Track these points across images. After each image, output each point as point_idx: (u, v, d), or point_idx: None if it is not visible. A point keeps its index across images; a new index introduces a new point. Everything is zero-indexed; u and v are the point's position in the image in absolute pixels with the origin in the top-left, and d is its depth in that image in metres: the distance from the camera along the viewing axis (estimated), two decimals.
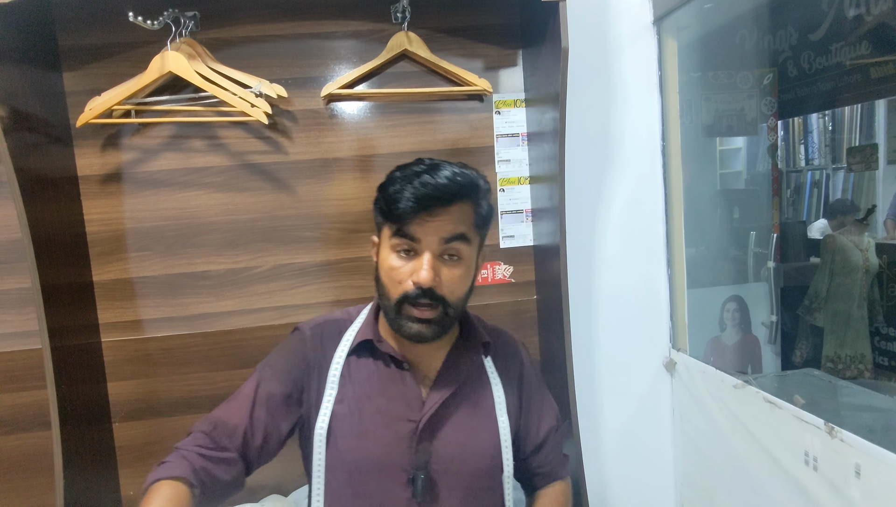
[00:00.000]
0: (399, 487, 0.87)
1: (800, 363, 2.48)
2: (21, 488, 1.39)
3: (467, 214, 0.85)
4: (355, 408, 0.89)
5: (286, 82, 1.36)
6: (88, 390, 1.33)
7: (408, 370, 0.90)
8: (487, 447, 0.92)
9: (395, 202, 0.81)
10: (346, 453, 0.88)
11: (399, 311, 0.84)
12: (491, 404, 0.94)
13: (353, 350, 0.92)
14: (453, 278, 0.84)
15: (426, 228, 0.81)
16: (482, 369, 0.96)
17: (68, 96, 1.32)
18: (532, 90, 1.42)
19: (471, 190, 0.85)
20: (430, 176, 0.82)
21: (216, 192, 1.39)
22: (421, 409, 0.88)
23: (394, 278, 0.84)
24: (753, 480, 1.24)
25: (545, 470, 1.04)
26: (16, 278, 1.34)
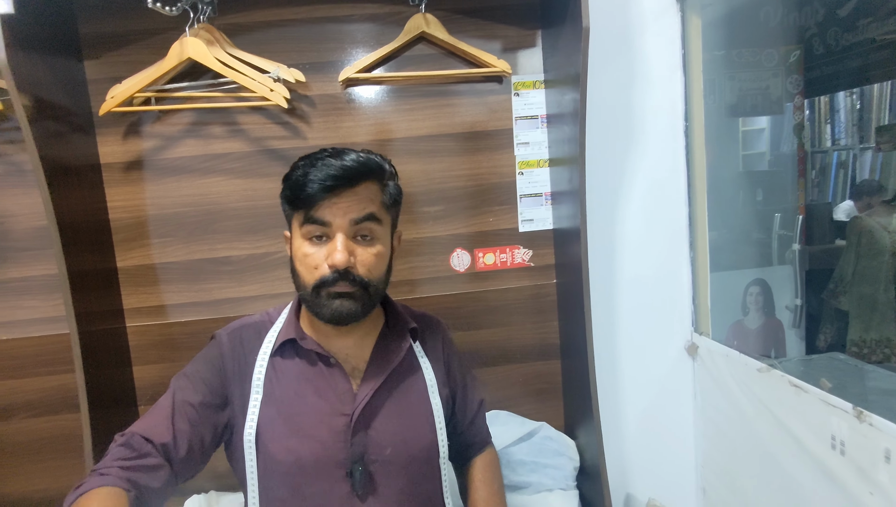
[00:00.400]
0: (338, 482, 0.85)
1: (824, 348, 2.44)
2: (52, 467, 1.43)
3: (375, 194, 0.85)
4: (284, 409, 0.86)
5: (304, 67, 1.36)
6: (115, 374, 1.36)
7: (335, 365, 0.89)
8: (423, 431, 0.92)
9: (300, 187, 0.81)
10: (280, 455, 0.85)
11: (318, 295, 0.83)
12: (423, 387, 0.94)
13: (276, 351, 0.90)
14: (369, 257, 0.84)
15: (335, 210, 0.81)
16: (412, 355, 0.96)
17: (90, 84, 1.33)
18: (552, 71, 1.40)
19: (375, 170, 0.86)
20: (334, 159, 0.82)
21: (236, 178, 1.39)
22: (353, 402, 0.87)
23: (308, 264, 0.83)
24: (778, 464, 1.23)
25: (478, 440, 1.06)
26: (42, 265, 1.37)
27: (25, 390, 1.39)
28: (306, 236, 0.84)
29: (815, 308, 2.32)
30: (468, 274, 1.48)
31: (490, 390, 1.50)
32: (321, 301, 0.83)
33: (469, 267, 1.48)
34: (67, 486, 1.40)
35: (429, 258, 1.47)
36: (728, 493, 1.44)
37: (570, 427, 1.50)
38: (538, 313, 1.51)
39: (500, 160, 1.45)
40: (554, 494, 1.35)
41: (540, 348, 1.52)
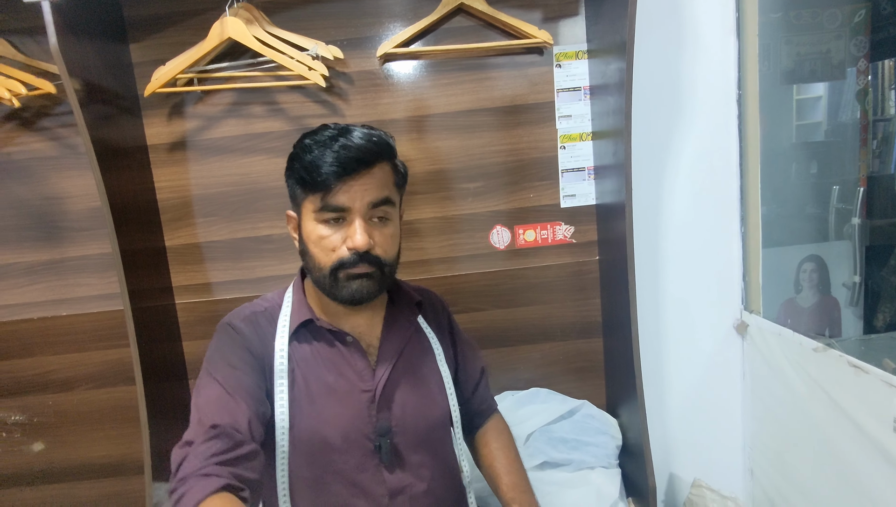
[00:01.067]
0: (365, 457, 0.87)
1: (882, 328, 2.32)
2: (112, 436, 1.51)
3: (388, 175, 0.85)
4: (308, 392, 0.87)
5: (341, 43, 1.35)
6: (166, 349, 1.42)
7: (353, 343, 0.90)
8: (439, 400, 0.95)
9: (316, 169, 0.79)
10: (308, 437, 0.86)
11: (335, 277, 0.83)
12: (433, 358, 0.97)
13: (293, 335, 0.88)
14: (385, 238, 0.84)
15: (352, 193, 0.80)
16: (419, 328, 0.98)
17: (135, 67, 1.36)
18: (595, 40, 1.34)
19: (387, 150, 0.85)
20: (346, 139, 0.80)
21: (276, 157, 1.41)
22: (373, 378, 0.88)
23: (325, 246, 0.82)
24: (833, 446, 1.18)
25: (483, 407, 1.07)
26: (97, 244, 1.42)
27: (86, 363, 1.46)
28: (321, 220, 0.82)
29: (875, 286, 2.20)
30: (508, 251, 1.47)
31: (530, 367, 1.50)
32: (339, 283, 0.83)
33: (509, 244, 1.46)
34: (126, 452, 1.49)
35: (468, 235, 1.46)
36: (778, 475, 1.40)
37: (612, 406, 1.48)
38: (580, 291, 1.48)
39: (541, 134, 1.42)
40: (595, 472, 1.34)
41: (581, 325, 1.49)
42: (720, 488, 1.42)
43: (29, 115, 1.37)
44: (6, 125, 1.38)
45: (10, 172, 1.39)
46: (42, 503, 1.52)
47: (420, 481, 0.90)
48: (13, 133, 1.38)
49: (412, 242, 1.45)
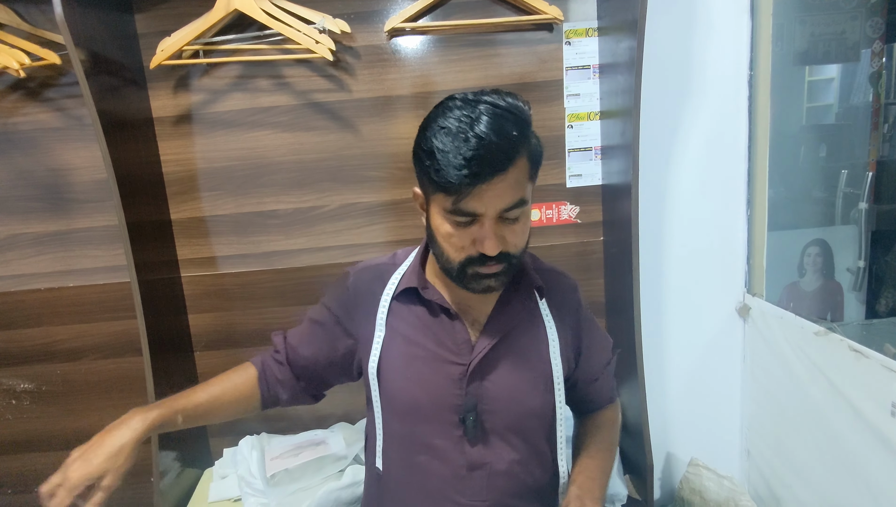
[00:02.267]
0: (450, 426, 0.88)
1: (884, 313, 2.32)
2: (119, 405, 1.52)
3: (523, 173, 0.76)
4: (403, 352, 0.89)
5: (348, 17, 1.33)
6: (172, 322, 1.43)
7: (457, 318, 0.89)
8: (539, 390, 0.91)
9: (446, 175, 0.72)
10: (398, 395, 0.90)
11: (463, 271, 0.81)
12: (545, 346, 0.92)
13: (396, 296, 0.91)
14: (516, 235, 0.80)
15: (485, 200, 0.74)
16: (536, 312, 0.93)
17: (140, 38, 1.35)
18: (606, 17, 1.32)
19: (525, 140, 0.76)
20: (478, 137, 0.71)
21: (283, 131, 1.40)
22: (470, 353, 0.88)
23: (454, 244, 0.79)
24: (829, 428, 1.19)
25: (602, 395, 1.05)
26: (103, 216, 1.43)
27: (93, 334, 1.48)
28: (450, 219, 0.78)
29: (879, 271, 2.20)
30: None
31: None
32: (467, 278, 0.81)
33: None
34: None
35: None
36: (774, 456, 1.42)
37: None
38: (583, 271, 1.48)
39: (548, 113, 1.41)
40: None
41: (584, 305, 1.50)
42: (716, 465, 1.44)
43: (34, 85, 1.36)
44: (11, 96, 1.37)
45: (15, 143, 1.39)
46: (52, 468, 1.54)
47: (502, 461, 0.90)
48: (18, 104, 1.38)
49: (419, 221, 1.45)
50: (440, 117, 0.76)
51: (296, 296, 1.48)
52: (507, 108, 0.75)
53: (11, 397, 1.51)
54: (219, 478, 1.42)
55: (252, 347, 1.51)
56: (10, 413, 1.52)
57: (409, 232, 1.46)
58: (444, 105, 0.77)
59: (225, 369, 1.49)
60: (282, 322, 1.49)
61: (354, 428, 1.48)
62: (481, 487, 0.89)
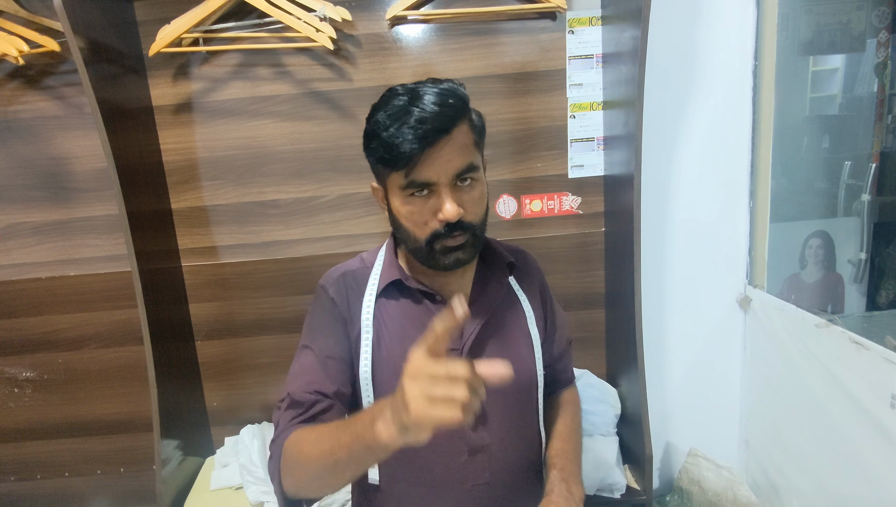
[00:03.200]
0: None
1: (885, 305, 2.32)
2: (121, 394, 1.54)
3: (468, 137, 0.81)
4: (396, 350, 0.88)
5: (349, 4, 1.32)
6: (173, 311, 1.43)
7: (441, 302, 0.90)
8: (527, 362, 0.94)
9: (396, 148, 0.76)
10: None
11: (431, 249, 0.82)
12: (524, 320, 0.95)
13: (381, 293, 0.91)
14: (473, 202, 0.82)
15: (436, 166, 0.78)
16: (510, 289, 0.96)
17: (140, 26, 1.34)
18: (610, 6, 1.31)
19: (463, 106, 0.80)
20: (420, 108, 0.76)
21: (283, 120, 1.39)
22: (461, 337, 0.88)
23: (417, 221, 0.81)
24: (829, 419, 1.19)
25: (563, 377, 1.07)
26: (104, 205, 1.43)
27: (94, 322, 1.48)
28: (408, 195, 0.81)
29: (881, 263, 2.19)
30: (514, 221, 1.46)
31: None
32: (435, 254, 0.83)
33: (515, 214, 1.46)
34: (135, 410, 1.53)
35: None
36: (772, 446, 1.42)
37: (613, 376, 1.50)
38: (584, 262, 1.48)
39: (550, 103, 1.40)
40: (594, 439, 1.36)
41: (584, 296, 1.50)
42: (714, 456, 1.45)
43: (33, 73, 1.35)
44: (10, 84, 1.37)
45: (15, 131, 1.39)
46: (54, 456, 1.56)
47: (501, 440, 0.91)
48: (17, 91, 1.37)
49: None
50: (382, 104, 0.80)
51: (294, 286, 1.48)
52: (446, 87, 0.80)
53: (13, 386, 1.52)
54: (220, 466, 1.43)
55: (251, 336, 1.51)
56: (12, 401, 1.52)
57: None
58: (385, 96, 0.82)
59: (225, 358, 1.52)
60: (280, 311, 1.49)
61: None
62: (483, 468, 0.90)
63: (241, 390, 1.54)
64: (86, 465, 1.57)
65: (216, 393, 1.54)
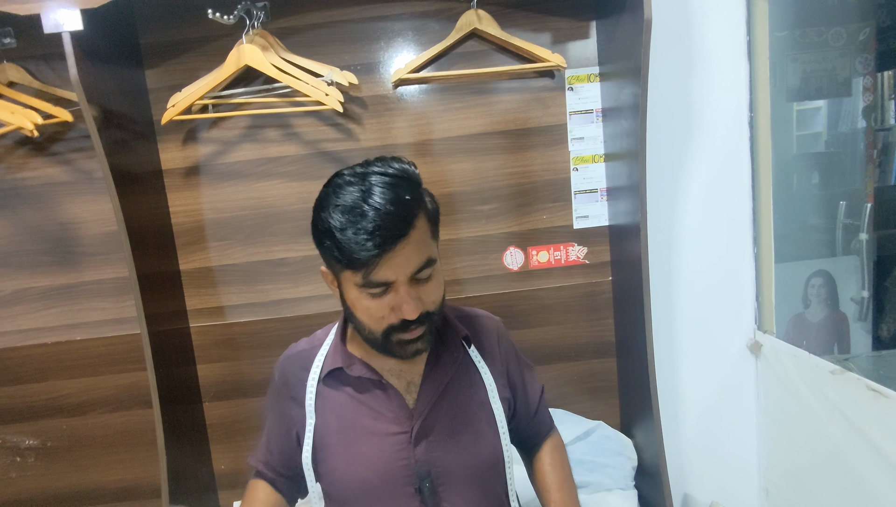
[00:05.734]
0: (407, 499, 0.85)
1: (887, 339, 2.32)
2: (125, 459, 1.50)
3: (425, 232, 0.78)
4: (341, 435, 0.86)
5: (355, 68, 1.36)
6: (181, 373, 1.42)
7: (389, 386, 0.87)
8: (487, 439, 0.90)
9: (352, 253, 0.72)
10: (345, 481, 0.86)
11: (388, 340, 0.80)
12: (483, 394, 0.91)
13: (323, 379, 0.89)
14: (431, 292, 0.80)
15: (394, 266, 0.74)
16: (467, 361, 0.92)
17: (151, 93, 1.37)
18: (608, 63, 1.35)
19: (419, 202, 0.77)
20: (375, 209, 0.72)
21: (292, 181, 1.41)
22: (411, 419, 0.86)
23: (373, 316, 0.78)
24: (849, 466, 1.18)
25: (543, 428, 1.04)
26: (112, 268, 1.43)
27: (100, 387, 1.46)
28: (364, 293, 0.77)
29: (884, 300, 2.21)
30: (522, 272, 1.47)
31: (545, 387, 1.49)
32: (392, 346, 0.81)
33: (522, 265, 1.47)
34: (140, 476, 1.49)
35: (481, 257, 1.46)
36: (794, 494, 1.40)
37: (627, 426, 1.48)
38: (593, 311, 1.48)
39: (553, 156, 1.43)
40: (613, 493, 1.34)
41: (595, 345, 1.50)
42: None
43: (42, 140, 1.37)
44: (19, 150, 1.39)
45: (24, 197, 1.40)
46: None
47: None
48: (26, 158, 1.39)
49: None
50: (332, 196, 0.76)
51: None
52: (396, 173, 0.77)
53: (16, 455, 1.48)
54: None
55: (260, 396, 1.48)
56: (13, 471, 1.48)
57: None
58: (334, 183, 0.78)
59: (233, 419, 1.49)
60: None
61: None
62: None
63: (250, 452, 1.50)
64: None
65: (224, 456, 1.51)
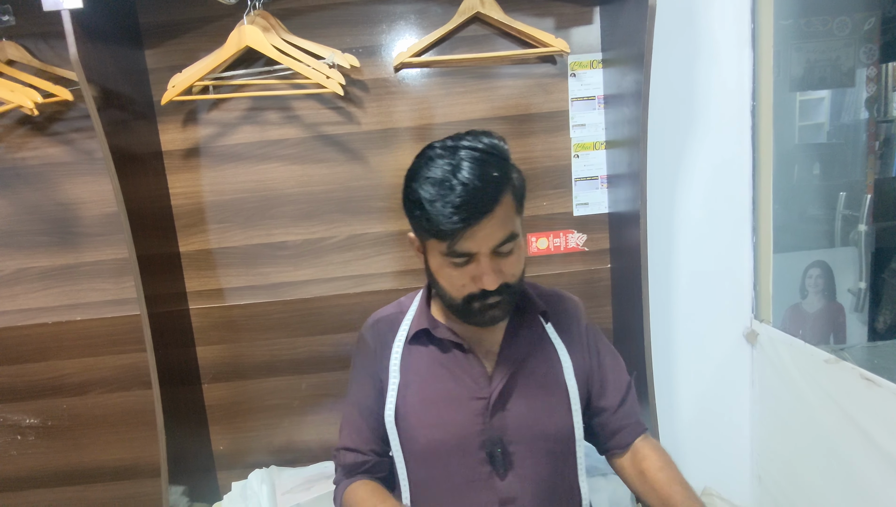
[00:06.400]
0: (477, 462, 0.89)
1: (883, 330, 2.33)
2: (125, 439, 1.52)
3: (509, 208, 0.80)
4: (422, 396, 0.90)
5: (357, 51, 1.35)
6: (180, 354, 1.42)
7: (469, 351, 0.91)
8: (559, 413, 0.92)
9: (438, 224, 0.77)
10: (422, 438, 0.90)
11: (467, 307, 0.84)
12: (559, 369, 0.94)
13: (409, 340, 0.93)
14: (512, 265, 0.83)
15: (477, 239, 0.78)
16: (545, 337, 0.95)
17: (150, 73, 1.36)
18: (611, 50, 1.35)
19: (506, 178, 0.80)
20: (463, 185, 0.76)
21: (292, 164, 1.41)
22: (489, 385, 0.89)
23: (454, 283, 0.83)
24: (842, 454, 1.19)
25: (632, 422, 1.00)
26: (112, 249, 1.43)
27: (100, 367, 1.47)
28: (447, 261, 0.82)
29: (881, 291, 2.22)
30: None
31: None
32: (471, 313, 0.84)
33: None
34: (139, 456, 1.50)
35: None
36: (786, 482, 1.42)
37: None
38: (591, 299, 1.49)
39: (554, 143, 1.42)
40: (608, 479, 1.35)
41: None
42: (728, 494, 1.44)
43: (41, 119, 1.37)
44: (18, 130, 1.38)
45: (24, 177, 1.39)
46: (57, 504, 1.53)
47: (532, 492, 0.90)
48: (26, 138, 1.38)
49: None
50: (423, 168, 0.81)
51: (304, 327, 1.47)
52: (486, 149, 0.80)
53: (17, 433, 1.49)
54: None
55: (259, 378, 1.50)
56: (14, 449, 1.50)
57: (416, 262, 1.46)
58: (426, 155, 0.83)
59: (232, 401, 1.50)
60: (289, 353, 1.48)
61: None
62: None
63: (249, 433, 1.52)
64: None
65: (223, 436, 1.52)
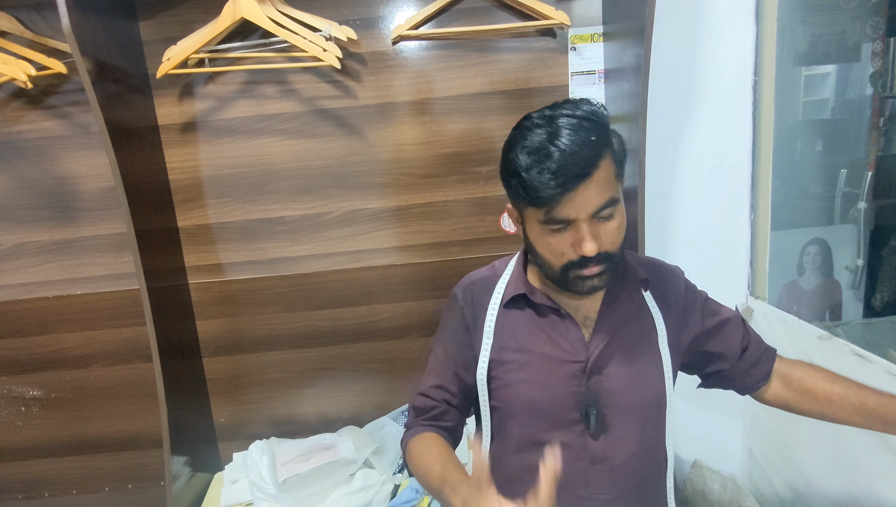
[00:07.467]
0: (572, 423, 0.90)
1: (880, 307, 2.34)
2: (128, 411, 1.54)
3: (609, 173, 0.79)
4: (518, 357, 0.91)
5: (354, 23, 1.33)
6: (180, 328, 1.44)
7: (567, 316, 0.91)
8: (653, 379, 0.93)
9: (535, 191, 0.76)
10: (517, 398, 0.91)
11: (566, 275, 0.83)
12: (654, 337, 0.94)
13: (505, 303, 0.93)
14: (611, 233, 0.81)
15: (575, 205, 0.77)
16: (642, 304, 0.95)
17: (145, 46, 1.34)
18: (612, 23, 1.33)
19: (604, 141, 0.78)
20: (560, 149, 0.75)
21: (289, 138, 1.40)
22: (586, 350, 0.89)
23: (554, 250, 0.82)
24: (832, 430, 1.21)
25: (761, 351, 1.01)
26: (110, 224, 1.43)
27: (101, 341, 1.49)
28: (545, 228, 0.81)
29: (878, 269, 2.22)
30: (518, 235, 1.47)
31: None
32: (570, 281, 0.84)
33: None
34: (142, 426, 1.53)
35: (478, 219, 1.46)
36: (776, 455, 1.44)
37: None
38: None
39: None
40: None
41: None
42: (719, 466, 1.47)
43: (36, 92, 1.36)
44: (14, 103, 1.37)
45: (21, 151, 1.39)
46: (62, 474, 1.56)
47: (622, 453, 0.91)
48: (21, 111, 1.38)
49: (425, 225, 1.46)
50: (520, 138, 0.80)
51: (302, 302, 1.48)
52: (584, 116, 0.78)
53: (21, 404, 1.52)
54: (230, 483, 1.44)
55: (258, 352, 1.52)
56: (19, 420, 1.52)
57: (413, 238, 1.46)
58: (522, 126, 0.81)
59: (233, 374, 1.53)
60: (288, 327, 1.50)
61: (362, 432, 1.49)
62: (604, 480, 0.91)
63: (249, 406, 1.55)
64: (94, 482, 1.57)
65: (224, 409, 1.55)
